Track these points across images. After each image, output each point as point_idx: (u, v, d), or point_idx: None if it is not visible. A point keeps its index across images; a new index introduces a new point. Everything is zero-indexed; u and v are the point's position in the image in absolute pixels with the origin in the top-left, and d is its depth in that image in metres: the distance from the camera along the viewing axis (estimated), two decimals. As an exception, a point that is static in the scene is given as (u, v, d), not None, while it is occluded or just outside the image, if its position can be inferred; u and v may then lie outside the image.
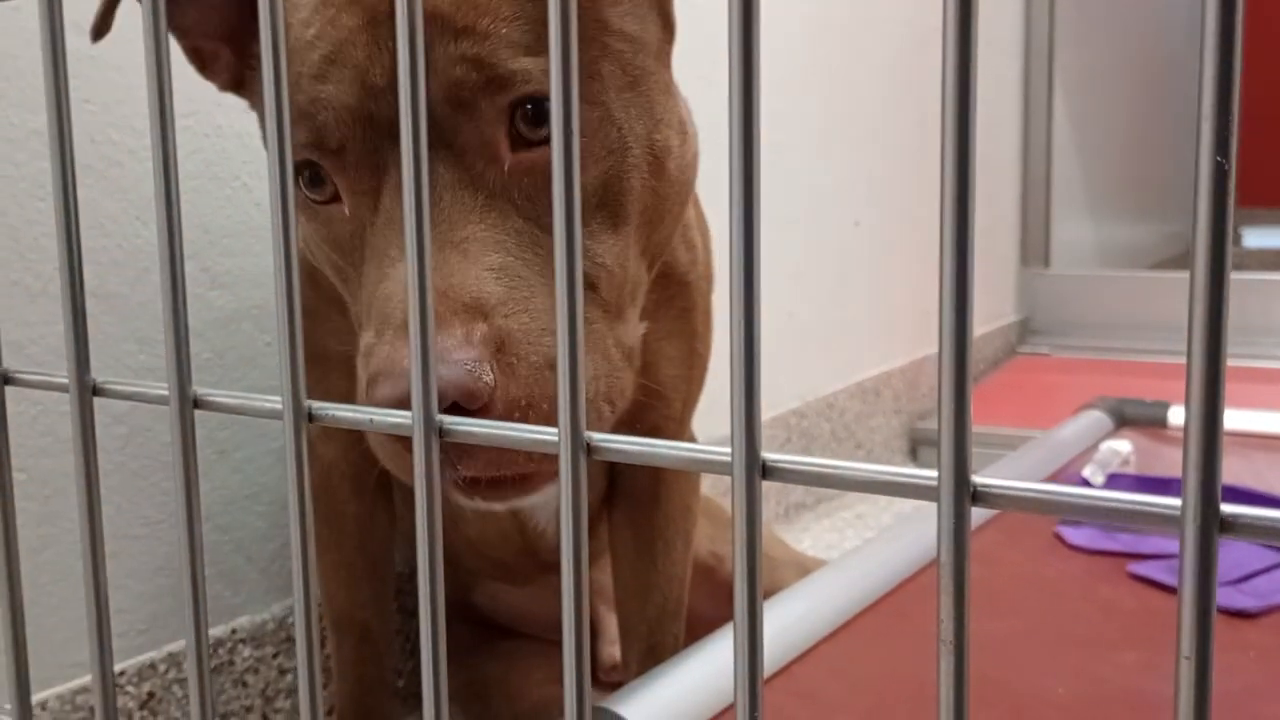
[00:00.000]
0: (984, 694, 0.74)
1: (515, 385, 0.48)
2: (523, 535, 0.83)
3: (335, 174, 0.54)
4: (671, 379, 0.72)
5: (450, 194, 0.51)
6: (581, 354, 0.34)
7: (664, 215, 0.60)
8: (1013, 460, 1.29)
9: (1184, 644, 0.26)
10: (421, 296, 0.36)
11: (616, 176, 0.55)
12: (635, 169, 0.56)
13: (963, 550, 0.29)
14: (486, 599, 0.98)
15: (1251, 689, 0.75)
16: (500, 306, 0.49)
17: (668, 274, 0.70)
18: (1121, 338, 2.25)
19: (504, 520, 0.82)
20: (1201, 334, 0.25)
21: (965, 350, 0.28)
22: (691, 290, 0.72)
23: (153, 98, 0.39)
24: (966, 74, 0.27)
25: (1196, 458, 0.26)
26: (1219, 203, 0.25)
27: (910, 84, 1.85)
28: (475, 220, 0.51)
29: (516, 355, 0.49)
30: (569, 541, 0.35)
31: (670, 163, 0.58)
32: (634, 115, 0.56)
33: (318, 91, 0.53)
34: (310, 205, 0.56)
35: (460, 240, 0.51)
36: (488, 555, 0.87)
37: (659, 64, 0.59)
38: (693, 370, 0.74)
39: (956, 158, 0.27)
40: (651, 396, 0.72)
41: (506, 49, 0.51)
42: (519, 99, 0.52)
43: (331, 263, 0.58)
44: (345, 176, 0.54)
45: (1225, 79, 0.24)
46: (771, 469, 0.32)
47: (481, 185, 0.52)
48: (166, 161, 0.40)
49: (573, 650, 0.35)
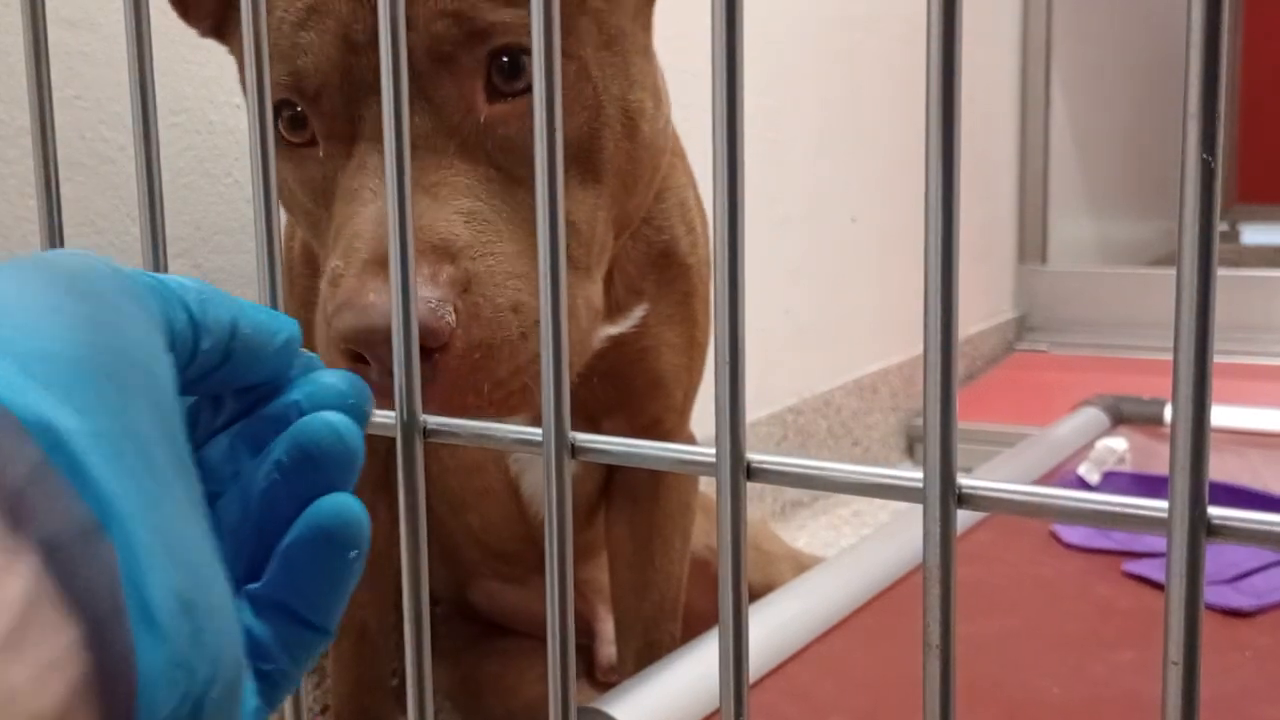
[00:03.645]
0: (977, 694, 0.74)
1: (477, 327, 0.48)
2: (525, 522, 0.83)
3: (312, 116, 0.55)
4: (673, 368, 0.72)
5: (424, 141, 0.52)
6: (565, 354, 0.33)
7: (637, 179, 0.60)
8: (1008, 458, 1.29)
9: (1171, 649, 0.26)
10: (406, 302, 0.35)
11: (590, 133, 0.55)
12: (608, 127, 0.56)
13: (949, 553, 0.28)
14: (483, 598, 0.98)
15: (1247, 690, 0.75)
16: (467, 249, 0.50)
17: (668, 255, 0.69)
18: (1119, 335, 2.24)
19: (506, 506, 0.81)
20: (1189, 336, 0.25)
21: (952, 354, 0.27)
22: (691, 274, 0.71)
23: (134, 93, 0.39)
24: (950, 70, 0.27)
25: (1184, 462, 0.25)
26: (1206, 201, 0.24)
27: (907, 81, 1.84)
28: (447, 166, 0.52)
29: (482, 296, 0.49)
30: (554, 542, 0.34)
31: (644, 124, 0.58)
32: (609, 74, 0.56)
33: (298, 38, 0.53)
34: (288, 147, 0.56)
35: (431, 184, 0.51)
36: (489, 545, 0.87)
37: (636, 25, 0.59)
38: (693, 360, 0.74)
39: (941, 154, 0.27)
40: (653, 386, 0.71)
41: (486, 1, 0.52)
42: (496, 50, 0.52)
43: (303, 208, 0.58)
44: (322, 121, 0.54)
45: (1210, 77, 0.24)
46: (756, 470, 0.31)
47: (455, 134, 0.52)
48: (150, 153, 0.39)
49: (557, 648, 0.35)
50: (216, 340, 0.30)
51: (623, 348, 0.69)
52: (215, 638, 0.24)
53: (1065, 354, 2.26)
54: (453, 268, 0.49)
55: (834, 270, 1.71)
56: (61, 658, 0.20)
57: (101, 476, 0.22)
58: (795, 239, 1.60)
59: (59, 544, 0.21)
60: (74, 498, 0.22)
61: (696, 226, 0.72)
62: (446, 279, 0.48)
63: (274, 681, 0.31)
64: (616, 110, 0.56)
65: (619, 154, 0.57)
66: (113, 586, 0.22)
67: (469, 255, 0.49)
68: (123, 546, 0.22)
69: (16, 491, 0.21)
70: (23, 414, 0.22)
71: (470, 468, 0.80)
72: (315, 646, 0.32)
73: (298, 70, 0.53)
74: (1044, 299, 2.40)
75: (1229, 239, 3.90)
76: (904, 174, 1.86)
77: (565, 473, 0.34)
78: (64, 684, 0.20)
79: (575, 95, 0.54)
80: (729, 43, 0.29)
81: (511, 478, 0.79)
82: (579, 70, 0.54)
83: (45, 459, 0.22)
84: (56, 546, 0.21)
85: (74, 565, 0.21)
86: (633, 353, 0.70)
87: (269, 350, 0.32)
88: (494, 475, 0.79)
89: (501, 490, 0.80)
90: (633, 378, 0.71)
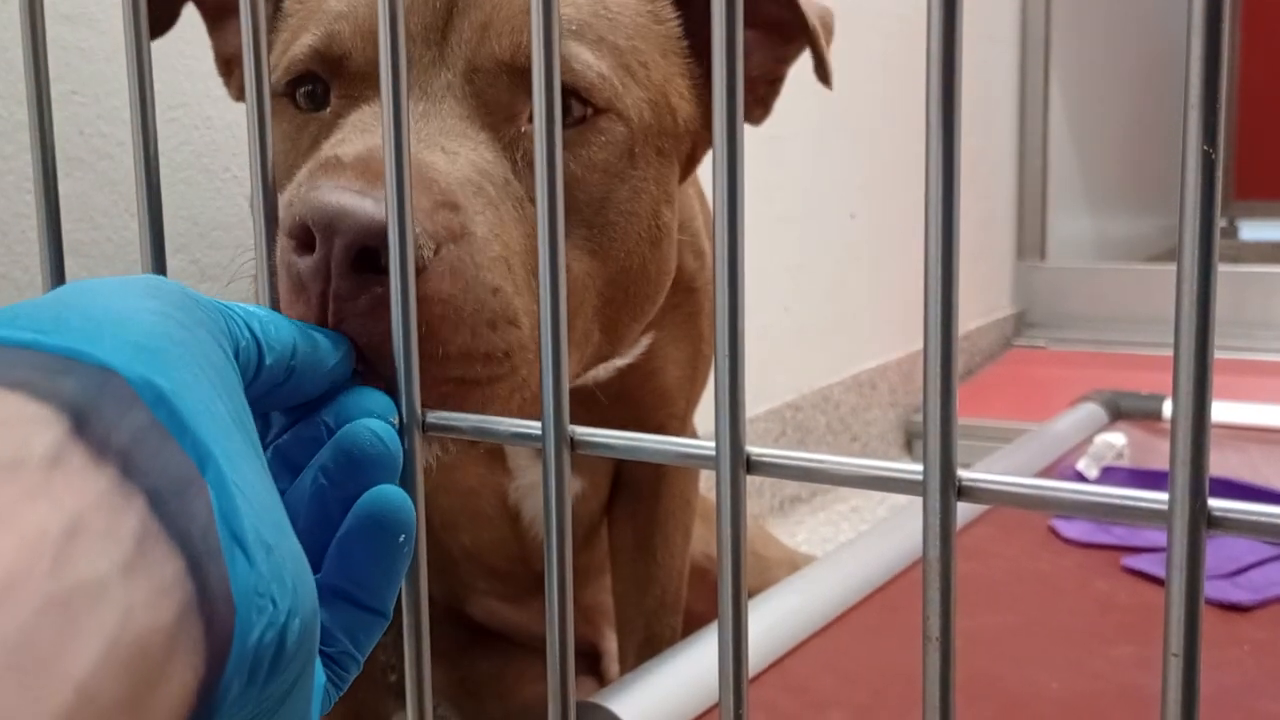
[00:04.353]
0: (976, 689, 0.74)
1: (451, 281, 0.44)
2: (519, 541, 0.82)
3: (332, 80, 0.53)
4: (677, 380, 0.73)
5: (462, 125, 0.51)
6: (565, 353, 0.33)
7: (636, 298, 0.59)
8: (1006, 454, 1.29)
9: (1172, 640, 0.26)
10: (405, 298, 0.35)
11: (614, 209, 0.55)
12: (634, 218, 0.56)
13: (949, 546, 0.28)
14: (481, 613, 0.97)
15: (1246, 684, 0.75)
16: (470, 208, 0.46)
17: (675, 281, 0.69)
18: (1117, 331, 2.24)
19: (500, 526, 0.81)
20: (1190, 330, 0.25)
21: (951, 346, 0.27)
22: (699, 296, 0.72)
23: (133, 87, 0.39)
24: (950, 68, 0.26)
25: (1184, 454, 0.25)
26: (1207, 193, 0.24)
27: (906, 78, 1.84)
28: (470, 149, 0.50)
29: (470, 256, 0.45)
30: (552, 537, 0.34)
31: (665, 243, 0.59)
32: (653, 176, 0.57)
33: (341, 7, 0.53)
34: (295, 114, 0.55)
35: (453, 151, 0.49)
36: (483, 563, 0.87)
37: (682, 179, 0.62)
38: (697, 371, 0.75)
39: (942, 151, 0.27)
40: (659, 398, 0.72)
41: (571, 36, 0.52)
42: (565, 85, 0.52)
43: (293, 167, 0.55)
44: (340, 82, 0.53)
45: (1212, 69, 0.24)
46: (756, 463, 0.31)
47: (492, 129, 0.52)
48: (147, 148, 0.39)
49: (556, 652, 0.35)
50: (279, 357, 0.34)
51: (631, 372, 0.69)
52: (292, 575, 0.28)
53: (1063, 350, 2.26)
54: (452, 215, 0.45)
55: (833, 267, 1.71)
56: (169, 585, 0.24)
57: (198, 428, 0.27)
58: (794, 236, 1.60)
59: (163, 489, 0.25)
60: (175, 449, 0.26)
61: (705, 251, 0.72)
62: (443, 220, 0.44)
63: (340, 664, 0.34)
64: (648, 209, 0.57)
65: (633, 258, 0.57)
66: (208, 525, 0.26)
67: (470, 214, 0.46)
68: (216, 490, 0.26)
69: (126, 446, 0.25)
70: (130, 377, 0.26)
71: (465, 490, 0.79)
72: (375, 630, 0.35)
73: (328, 34, 0.52)
74: (1042, 295, 2.40)
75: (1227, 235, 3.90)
76: (902, 171, 1.86)
77: (564, 466, 0.34)
78: (173, 606, 0.24)
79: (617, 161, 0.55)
80: (730, 41, 0.29)
81: (510, 505, 0.79)
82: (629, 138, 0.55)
83: (151, 415, 0.26)
84: (161, 491, 0.25)
85: (176, 507, 0.25)
86: (640, 375, 0.70)
87: (324, 368, 0.37)
88: (489, 501, 0.79)
89: (496, 515, 0.80)
90: (640, 396, 0.71)
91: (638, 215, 0.56)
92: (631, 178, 0.56)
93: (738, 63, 0.29)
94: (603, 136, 0.54)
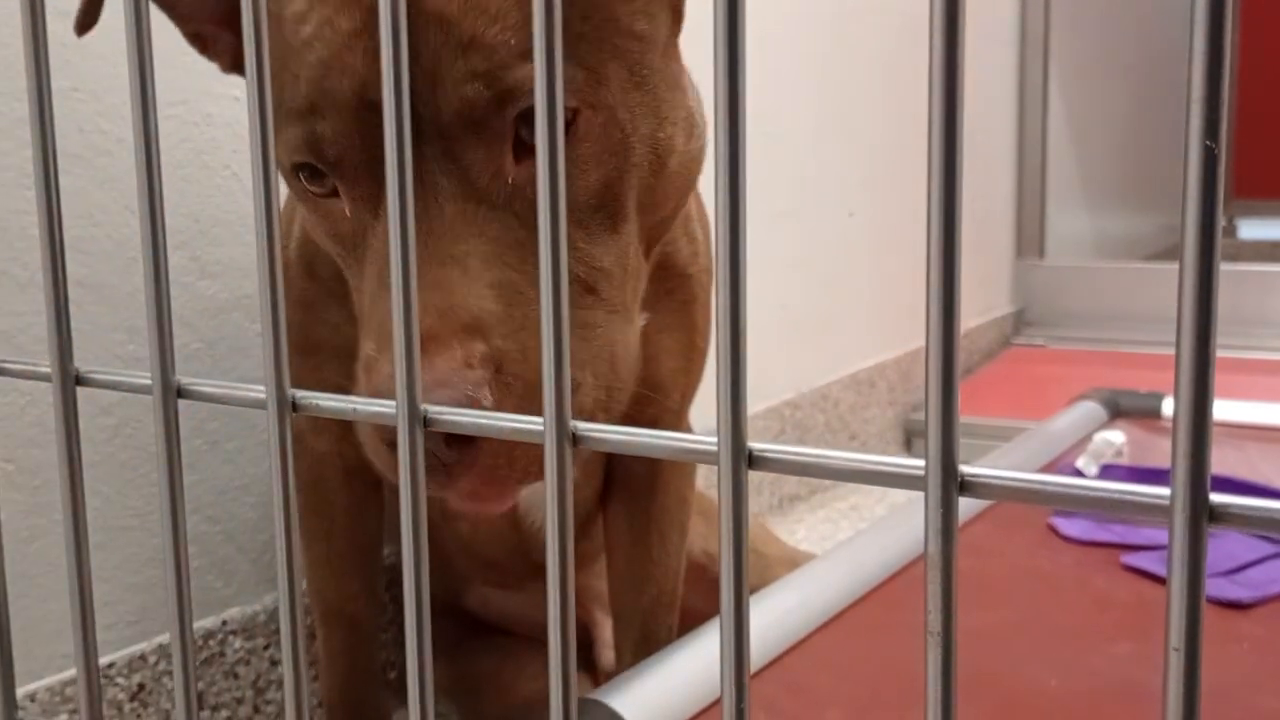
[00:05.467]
0: (975, 686, 0.74)
1: (510, 403, 0.48)
2: (516, 533, 0.83)
3: (335, 178, 0.54)
4: (671, 372, 0.72)
5: (453, 206, 0.51)
6: (566, 344, 0.33)
7: (662, 207, 0.59)
8: (1006, 452, 1.29)
9: (1173, 635, 0.26)
10: (406, 300, 0.35)
11: (617, 178, 0.55)
12: (636, 168, 0.55)
13: (950, 541, 0.28)
14: (478, 603, 0.97)
15: (1245, 681, 0.75)
16: (499, 326, 0.49)
17: (668, 266, 0.69)
18: (1116, 329, 2.24)
19: (497, 518, 0.81)
20: (1191, 321, 0.25)
21: (953, 339, 0.27)
22: (692, 283, 0.71)
23: (134, 86, 0.39)
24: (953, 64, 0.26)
25: (1185, 447, 0.25)
26: (1209, 188, 0.24)
27: (904, 75, 1.84)
28: (476, 234, 0.51)
29: (514, 374, 0.49)
30: (554, 532, 0.34)
31: (672, 160, 0.57)
32: (639, 115, 0.55)
33: (316, 98, 0.52)
34: (311, 197, 0.55)
35: (462, 255, 0.50)
36: (480, 555, 0.87)
37: (666, 59, 0.58)
38: (691, 363, 0.74)
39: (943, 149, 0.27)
40: (653, 390, 0.72)
41: (516, 59, 0.50)
42: (525, 109, 0.51)
43: (334, 251, 0.58)
44: (344, 182, 0.53)
45: (1214, 64, 0.24)
46: (758, 458, 0.31)
47: (485, 198, 0.51)
48: (148, 144, 0.39)
49: (559, 644, 0.35)
50: None
51: None
52: None
53: (1062, 348, 2.26)
54: (484, 346, 0.48)
55: (831, 264, 1.71)
56: None
57: None
58: (792, 233, 1.60)
59: None
60: None
61: (698, 235, 0.72)
62: (480, 359, 0.48)
63: None
64: (645, 150, 0.55)
65: (644, 191, 0.56)
66: None
67: (500, 333, 0.49)
68: None
69: None
70: None
71: None
72: None
73: (316, 137, 0.52)
74: (1041, 293, 2.40)
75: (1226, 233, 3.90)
76: (901, 168, 1.86)
77: (567, 462, 0.34)
78: None
79: (604, 144, 0.54)
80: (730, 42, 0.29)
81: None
82: (607, 120, 0.54)
83: None
84: None
85: None
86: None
87: None
88: None
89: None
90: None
91: (638, 167, 0.55)
92: (622, 143, 0.54)
93: (739, 64, 0.29)
94: (586, 131, 0.53)
